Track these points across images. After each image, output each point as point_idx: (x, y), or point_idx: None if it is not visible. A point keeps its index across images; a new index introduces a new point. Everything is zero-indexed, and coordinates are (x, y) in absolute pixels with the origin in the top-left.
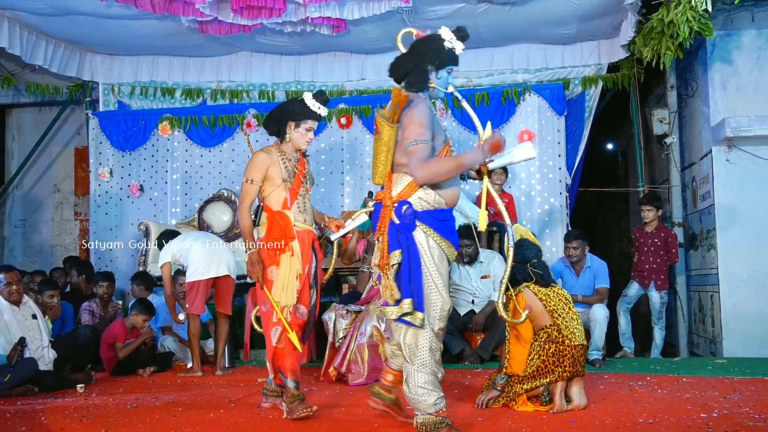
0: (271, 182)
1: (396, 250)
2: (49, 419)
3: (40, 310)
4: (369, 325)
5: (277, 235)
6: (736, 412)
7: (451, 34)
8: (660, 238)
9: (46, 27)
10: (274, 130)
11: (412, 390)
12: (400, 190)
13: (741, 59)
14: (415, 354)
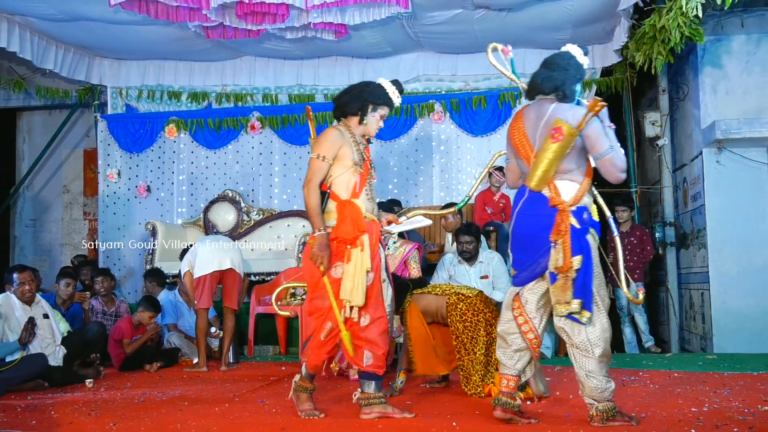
0: (341, 163)
1: (578, 254)
2: (59, 413)
3: (51, 310)
4: None
5: (349, 228)
6: (726, 407)
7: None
8: (636, 236)
9: (56, 32)
10: (354, 109)
11: (597, 380)
12: (573, 196)
13: (731, 63)
14: (598, 346)
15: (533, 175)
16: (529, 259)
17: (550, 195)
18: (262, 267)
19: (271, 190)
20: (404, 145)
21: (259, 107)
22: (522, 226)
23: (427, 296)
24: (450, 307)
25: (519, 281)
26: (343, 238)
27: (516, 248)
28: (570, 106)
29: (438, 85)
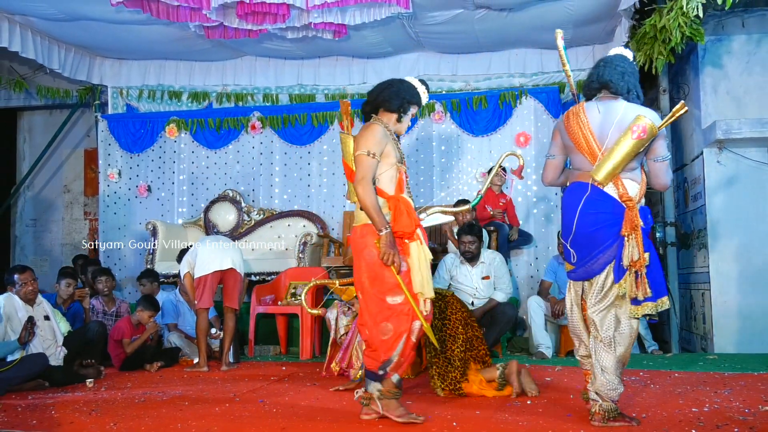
0: (387, 160)
1: (647, 251)
2: (59, 413)
3: (52, 312)
4: None
5: (407, 222)
6: (727, 407)
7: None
8: None
9: (57, 32)
10: (395, 106)
11: (609, 377)
12: (635, 194)
13: (731, 64)
14: (621, 345)
15: (602, 168)
16: (587, 255)
17: (620, 191)
18: (262, 267)
19: (271, 190)
20: (404, 145)
21: (259, 107)
22: (585, 222)
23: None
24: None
25: (577, 276)
26: (404, 232)
27: (579, 243)
28: (641, 106)
29: (438, 85)
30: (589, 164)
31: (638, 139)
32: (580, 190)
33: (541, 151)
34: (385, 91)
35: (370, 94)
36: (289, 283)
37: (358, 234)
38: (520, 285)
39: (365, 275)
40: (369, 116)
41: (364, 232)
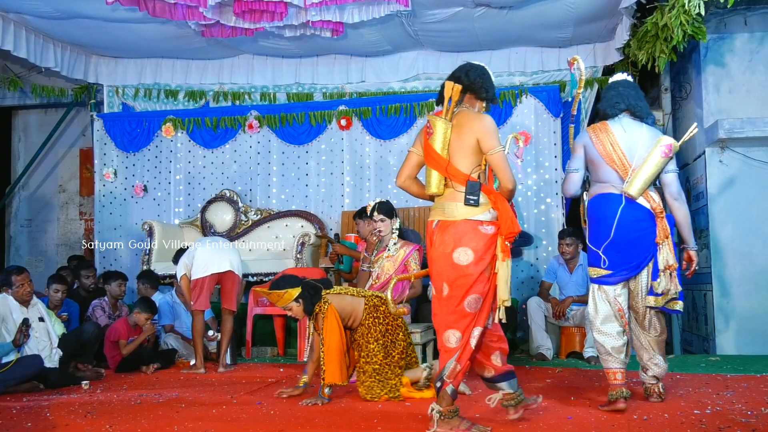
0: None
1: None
2: (55, 415)
3: (47, 313)
4: None
5: (514, 221)
6: (729, 409)
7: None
8: None
9: (52, 30)
10: (490, 95)
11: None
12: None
13: (734, 62)
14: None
15: (635, 183)
16: (629, 260)
17: (651, 204)
18: (260, 268)
19: (269, 190)
20: (404, 145)
21: (256, 106)
22: (626, 230)
23: (344, 297)
24: (370, 309)
25: (616, 280)
26: (512, 234)
27: (616, 250)
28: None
29: (438, 83)
30: (617, 178)
31: (665, 156)
32: (615, 201)
33: (542, 150)
34: (484, 77)
35: (463, 76)
36: None
37: (456, 230)
38: (520, 286)
39: (450, 275)
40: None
41: (466, 229)
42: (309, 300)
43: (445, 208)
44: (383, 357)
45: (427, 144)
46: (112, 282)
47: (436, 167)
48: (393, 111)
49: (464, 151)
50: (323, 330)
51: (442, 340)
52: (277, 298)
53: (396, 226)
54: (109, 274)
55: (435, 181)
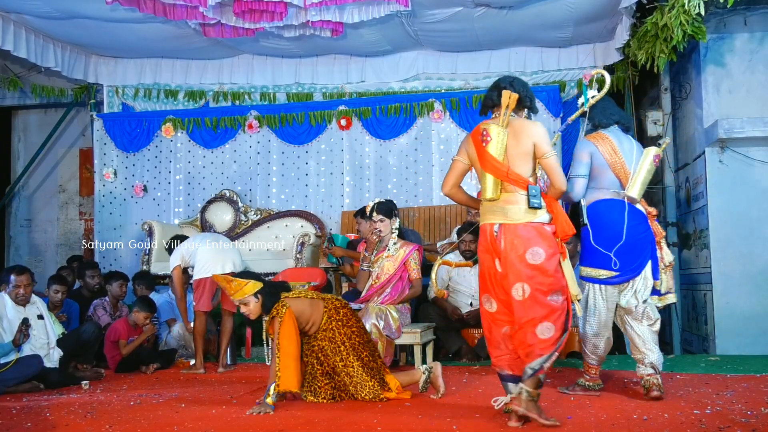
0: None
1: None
2: (54, 415)
3: (47, 311)
4: (368, 322)
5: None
6: (729, 409)
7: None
8: None
9: (51, 30)
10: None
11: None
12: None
13: (734, 62)
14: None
15: (636, 189)
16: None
17: (647, 207)
18: (260, 267)
19: (269, 190)
20: (403, 145)
21: (256, 106)
22: (633, 233)
23: (303, 300)
24: (331, 312)
25: (621, 279)
26: (567, 234)
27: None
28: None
29: (438, 83)
30: (619, 184)
31: (656, 164)
32: (620, 206)
33: None
34: (527, 87)
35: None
36: None
37: (523, 232)
38: None
39: (528, 274)
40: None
41: (532, 231)
42: (269, 297)
43: (507, 212)
44: (356, 359)
45: (483, 150)
46: (113, 282)
47: (495, 173)
48: (393, 111)
49: (523, 156)
50: (279, 334)
51: (536, 334)
52: (238, 287)
53: (396, 226)
54: (111, 275)
55: (492, 186)
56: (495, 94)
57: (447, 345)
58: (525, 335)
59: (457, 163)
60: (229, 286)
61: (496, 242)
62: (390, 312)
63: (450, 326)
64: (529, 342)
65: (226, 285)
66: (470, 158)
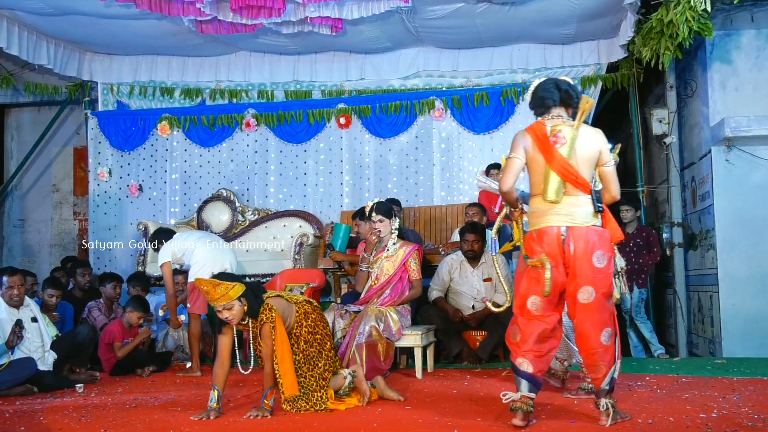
0: None
1: None
2: (48, 419)
3: (41, 314)
4: (368, 325)
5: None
6: (736, 412)
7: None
8: (642, 237)
9: (45, 27)
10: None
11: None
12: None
13: (740, 59)
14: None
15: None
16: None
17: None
18: (257, 268)
19: (266, 190)
20: (404, 143)
21: (254, 104)
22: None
23: (282, 301)
24: (302, 316)
25: None
26: (619, 239)
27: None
28: None
29: (439, 81)
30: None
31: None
32: None
33: None
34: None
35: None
36: (285, 285)
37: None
38: None
39: (594, 278)
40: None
41: (596, 234)
42: (254, 300)
43: (574, 215)
44: (308, 368)
45: (553, 151)
46: (107, 284)
47: (565, 175)
48: (393, 109)
49: (589, 162)
50: (276, 339)
51: (600, 340)
52: (224, 291)
53: (395, 227)
54: (104, 276)
55: (556, 188)
56: (557, 95)
57: (448, 347)
58: (590, 341)
59: (515, 160)
60: (215, 290)
61: (565, 245)
62: (390, 314)
63: (451, 328)
64: (594, 348)
65: (210, 289)
66: (528, 156)
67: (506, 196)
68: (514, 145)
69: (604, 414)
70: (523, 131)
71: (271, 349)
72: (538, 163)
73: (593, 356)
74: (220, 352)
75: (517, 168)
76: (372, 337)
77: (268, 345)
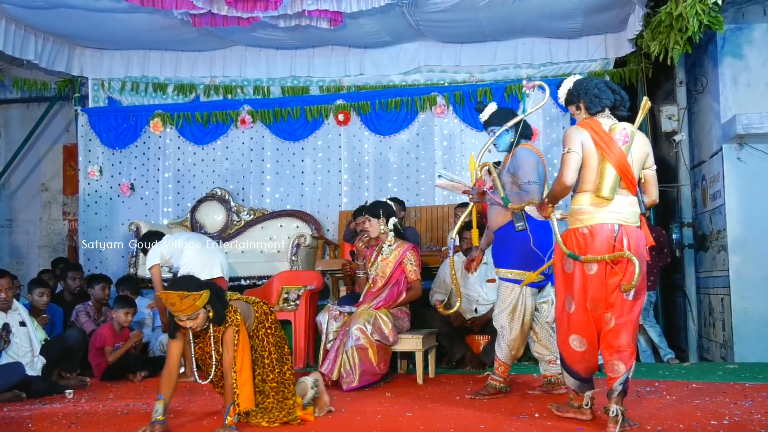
0: None
1: None
2: (37, 426)
3: (29, 318)
4: (354, 327)
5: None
6: (748, 419)
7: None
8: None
9: (33, 20)
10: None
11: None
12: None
13: (752, 54)
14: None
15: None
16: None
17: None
18: (253, 270)
19: (262, 189)
20: (404, 141)
21: (249, 100)
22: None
23: (242, 302)
24: (262, 316)
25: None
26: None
27: (550, 257)
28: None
29: (440, 76)
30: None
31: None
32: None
33: (549, 147)
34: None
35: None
36: (281, 287)
37: (640, 235)
38: None
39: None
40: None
41: (642, 235)
42: (220, 305)
43: (626, 214)
44: (278, 373)
45: (616, 148)
46: (95, 285)
47: (624, 173)
48: (393, 105)
49: (638, 163)
50: (238, 345)
51: (630, 340)
52: (191, 302)
53: (389, 228)
54: (92, 278)
55: (612, 185)
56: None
57: (451, 352)
58: (620, 339)
59: (574, 155)
60: (182, 303)
61: (617, 242)
62: (379, 316)
63: (454, 332)
64: (623, 346)
65: (177, 301)
66: (586, 152)
67: (566, 191)
68: (570, 140)
69: (612, 421)
70: (577, 127)
71: (233, 357)
72: (593, 159)
73: (620, 353)
74: (168, 358)
75: (577, 163)
76: (360, 339)
77: (231, 352)
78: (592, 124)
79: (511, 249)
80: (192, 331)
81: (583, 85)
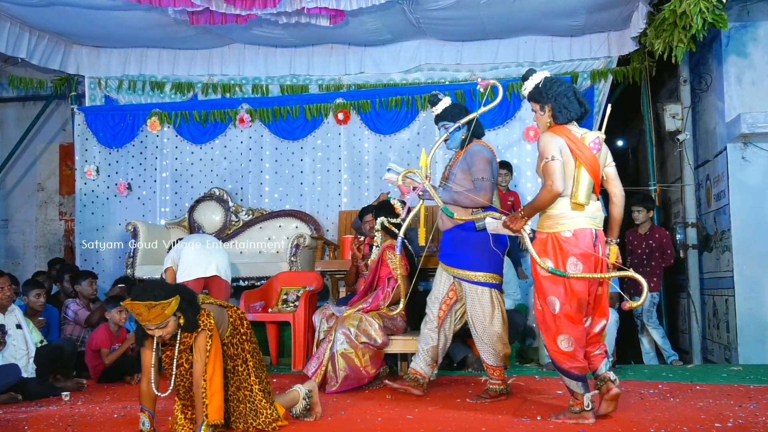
0: None
1: None
2: (33, 428)
3: (25, 320)
4: (339, 331)
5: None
6: (752, 422)
7: None
8: (655, 239)
9: (28, 17)
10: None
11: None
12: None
13: (757, 52)
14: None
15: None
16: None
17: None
18: (251, 271)
19: (261, 189)
20: (405, 140)
21: (248, 99)
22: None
23: (215, 306)
24: (237, 320)
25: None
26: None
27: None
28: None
29: (441, 74)
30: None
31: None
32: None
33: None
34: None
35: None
36: (280, 288)
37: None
38: (530, 290)
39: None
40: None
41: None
42: (191, 311)
43: (597, 219)
44: (255, 381)
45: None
46: (81, 281)
47: (597, 180)
48: (393, 104)
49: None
50: (210, 352)
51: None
52: (159, 311)
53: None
54: (78, 274)
55: (587, 192)
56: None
57: (451, 354)
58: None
59: (558, 162)
60: (149, 313)
61: (595, 248)
62: (365, 318)
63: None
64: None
65: (144, 312)
66: (564, 158)
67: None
68: (548, 148)
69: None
70: (551, 134)
71: (204, 365)
72: (570, 166)
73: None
74: (143, 368)
75: (561, 170)
76: (344, 344)
77: (203, 359)
78: (565, 131)
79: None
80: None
81: (554, 88)
